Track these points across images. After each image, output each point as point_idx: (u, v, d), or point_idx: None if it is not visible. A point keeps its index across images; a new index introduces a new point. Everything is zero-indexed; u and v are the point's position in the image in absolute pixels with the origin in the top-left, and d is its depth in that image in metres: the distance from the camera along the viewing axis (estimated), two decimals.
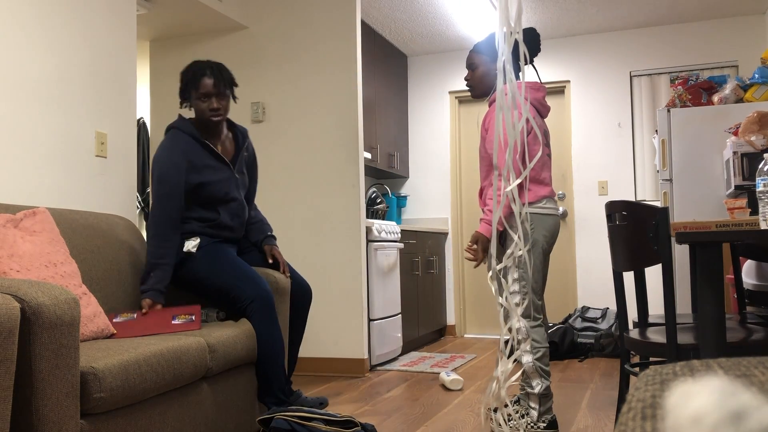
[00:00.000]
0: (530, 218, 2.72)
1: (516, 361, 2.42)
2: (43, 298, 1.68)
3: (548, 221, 2.75)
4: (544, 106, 2.86)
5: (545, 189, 2.76)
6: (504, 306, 2.10)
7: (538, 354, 2.67)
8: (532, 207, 2.73)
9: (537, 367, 2.67)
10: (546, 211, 2.74)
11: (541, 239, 2.72)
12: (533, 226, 2.72)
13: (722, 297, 1.89)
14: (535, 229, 2.72)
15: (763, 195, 1.92)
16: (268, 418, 2.46)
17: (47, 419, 1.67)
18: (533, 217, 2.72)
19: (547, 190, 2.77)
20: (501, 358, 2.03)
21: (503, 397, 1.93)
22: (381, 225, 4.60)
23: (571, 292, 5.85)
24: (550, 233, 2.75)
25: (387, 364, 4.59)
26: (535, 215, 2.73)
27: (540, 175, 2.76)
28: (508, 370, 1.96)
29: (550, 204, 2.76)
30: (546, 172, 2.80)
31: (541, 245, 2.72)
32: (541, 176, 2.76)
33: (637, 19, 5.51)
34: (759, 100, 4.28)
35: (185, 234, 2.87)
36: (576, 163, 5.86)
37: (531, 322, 2.69)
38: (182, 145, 2.84)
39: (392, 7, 5.11)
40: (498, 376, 1.93)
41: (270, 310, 2.73)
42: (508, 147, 2.41)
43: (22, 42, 2.79)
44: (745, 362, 0.77)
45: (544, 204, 2.74)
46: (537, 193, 2.74)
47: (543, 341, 2.69)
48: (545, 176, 2.79)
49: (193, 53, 4.71)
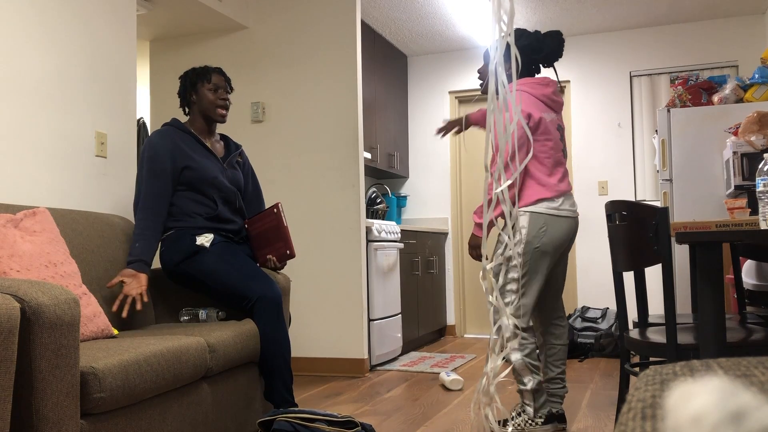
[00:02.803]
0: (524, 219, 2.65)
1: (505, 359, 2.44)
2: (43, 298, 1.68)
3: (542, 222, 2.64)
4: (555, 101, 2.77)
5: (547, 190, 2.66)
6: (494, 304, 2.13)
7: (526, 351, 2.67)
8: (529, 208, 2.65)
9: (527, 364, 2.66)
10: (547, 211, 2.64)
11: (535, 241, 2.63)
12: (525, 227, 2.64)
13: (722, 297, 1.89)
14: (529, 231, 2.64)
15: (763, 195, 1.92)
16: (269, 420, 2.46)
17: (47, 419, 1.67)
18: (529, 218, 2.64)
19: (552, 191, 2.66)
20: (491, 355, 2.05)
21: (492, 393, 1.95)
22: (381, 225, 4.60)
23: (571, 292, 5.85)
24: (551, 236, 2.64)
25: (387, 364, 4.59)
26: (531, 216, 2.65)
27: (541, 175, 2.67)
28: (498, 367, 2.00)
29: (553, 204, 2.66)
30: (554, 172, 2.70)
31: (536, 246, 2.63)
32: (541, 177, 2.67)
33: (637, 19, 5.51)
34: (759, 100, 4.28)
35: (193, 229, 2.88)
36: (576, 163, 5.86)
37: (520, 321, 2.67)
38: (173, 134, 2.96)
39: (392, 7, 5.11)
40: (488, 372, 1.95)
41: (277, 309, 2.73)
42: (498, 149, 2.41)
43: (22, 42, 2.79)
44: (745, 362, 0.77)
45: (547, 205, 2.65)
46: (535, 194, 2.65)
47: (530, 338, 2.68)
48: (550, 176, 2.68)
49: (193, 53, 4.71)
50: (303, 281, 4.38)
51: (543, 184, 2.67)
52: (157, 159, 2.86)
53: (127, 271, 2.70)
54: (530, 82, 2.75)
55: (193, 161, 2.92)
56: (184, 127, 3.00)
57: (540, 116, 2.68)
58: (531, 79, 2.76)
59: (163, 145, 2.89)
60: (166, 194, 2.87)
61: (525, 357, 2.66)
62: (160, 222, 2.85)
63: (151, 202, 2.83)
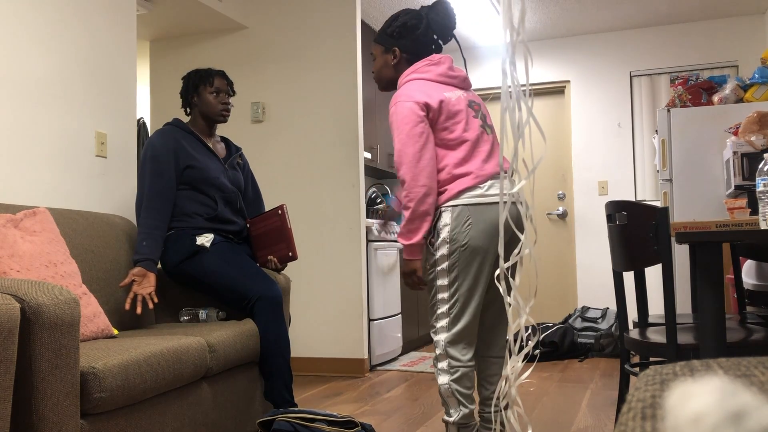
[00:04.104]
0: (447, 216, 2.23)
1: (526, 360, 2.13)
2: (43, 298, 1.68)
3: (466, 214, 2.21)
4: (454, 77, 2.37)
5: (467, 178, 2.24)
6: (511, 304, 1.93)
7: (456, 374, 2.21)
8: (450, 202, 2.24)
9: (453, 391, 2.21)
10: (469, 201, 2.22)
11: (461, 237, 2.20)
12: (448, 223, 2.23)
13: (722, 297, 1.89)
14: (452, 227, 2.22)
15: (763, 195, 1.92)
16: (269, 420, 2.46)
17: (47, 419, 1.67)
18: (450, 213, 2.23)
19: (473, 178, 2.24)
20: (509, 357, 1.91)
21: (514, 395, 1.87)
22: (381, 225, 4.60)
23: (571, 292, 5.85)
24: (479, 228, 2.20)
25: (387, 364, 4.59)
26: (453, 210, 2.23)
27: (457, 163, 2.26)
28: (518, 368, 1.86)
29: (477, 192, 2.23)
30: (474, 155, 2.28)
31: (462, 244, 2.20)
32: (458, 166, 2.26)
33: (637, 19, 5.51)
34: (759, 100, 4.28)
35: (193, 229, 2.88)
36: (576, 163, 5.85)
37: (451, 337, 2.21)
38: (175, 133, 2.96)
39: (392, 7, 5.11)
40: (508, 374, 1.86)
41: (278, 309, 2.73)
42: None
43: (22, 42, 2.79)
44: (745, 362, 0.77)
45: (470, 194, 2.22)
46: (455, 186, 2.24)
47: (464, 360, 2.21)
48: (469, 161, 2.27)
49: (193, 53, 4.71)
50: (303, 281, 4.38)
51: (461, 173, 2.25)
52: (160, 158, 2.87)
53: (138, 270, 2.72)
54: (419, 67, 2.36)
55: (196, 161, 2.92)
56: (186, 126, 3.01)
57: (440, 99, 2.27)
58: (419, 63, 2.37)
59: (166, 144, 2.89)
60: (170, 193, 2.87)
61: (453, 382, 2.21)
62: (165, 221, 2.85)
63: (156, 201, 2.83)
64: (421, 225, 2.24)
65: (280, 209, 2.97)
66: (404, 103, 2.27)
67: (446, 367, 2.22)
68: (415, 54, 2.41)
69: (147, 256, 2.75)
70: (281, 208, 2.96)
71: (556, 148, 5.98)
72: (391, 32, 2.42)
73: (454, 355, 2.21)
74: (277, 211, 2.98)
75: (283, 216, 2.96)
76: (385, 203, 5.62)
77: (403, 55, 2.41)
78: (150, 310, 2.92)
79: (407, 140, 2.24)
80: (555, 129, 5.99)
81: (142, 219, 2.82)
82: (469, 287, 2.21)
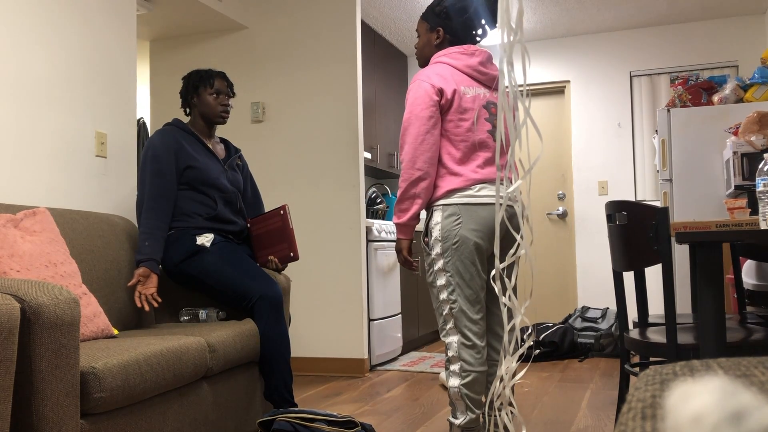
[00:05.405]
0: (438, 215, 2.26)
1: (521, 359, 2.12)
2: (43, 298, 1.68)
3: (456, 213, 2.23)
4: (484, 74, 2.34)
5: (458, 180, 2.25)
6: (506, 305, 1.93)
7: (467, 379, 2.20)
8: (441, 201, 2.27)
9: (463, 395, 2.21)
10: (459, 200, 2.24)
11: (451, 236, 2.22)
12: (439, 222, 2.26)
13: (722, 297, 1.89)
14: (443, 225, 2.25)
15: (763, 195, 1.92)
16: (269, 420, 2.46)
17: (47, 419, 1.67)
18: (441, 212, 2.26)
19: (464, 181, 2.24)
20: (504, 357, 1.92)
21: (509, 396, 1.87)
22: (381, 225, 4.60)
23: (571, 292, 5.85)
24: (468, 226, 2.22)
25: (387, 364, 4.59)
26: (443, 209, 2.26)
27: (452, 163, 2.27)
28: (512, 369, 1.86)
29: (467, 192, 2.24)
30: (470, 158, 2.27)
31: (453, 242, 2.22)
32: (453, 165, 2.26)
33: (637, 19, 5.51)
34: (759, 100, 4.28)
35: (194, 229, 2.89)
36: (576, 163, 5.85)
37: (461, 339, 2.22)
38: (176, 134, 2.97)
39: (392, 7, 5.11)
40: (503, 374, 1.87)
41: (278, 309, 2.73)
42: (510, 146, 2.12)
43: (22, 42, 2.79)
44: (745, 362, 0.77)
45: (460, 194, 2.24)
46: (447, 185, 2.26)
47: (476, 364, 2.21)
48: (464, 164, 2.27)
49: (193, 53, 4.71)
50: (303, 281, 4.38)
51: (454, 173, 2.26)
52: (161, 158, 2.87)
53: (143, 270, 2.75)
54: (452, 52, 2.33)
55: (196, 161, 2.92)
56: (186, 127, 3.02)
57: (454, 90, 2.25)
58: (453, 48, 2.34)
59: (166, 144, 2.90)
60: (171, 193, 2.88)
61: (463, 386, 2.21)
62: (166, 221, 2.86)
63: (157, 201, 2.84)
64: (411, 206, 2.28)
65: (283, 209, 2.97)
66: (422, 83, 2.27)
67: (458, 370, 2.22)
68: (458, 37, 2.37)
69: (150, 256, 2.76)
70: (283, 208, 2.97)
71: (556, 148, 5.98)
72: (439, 12, 2.39)
73: (466, 359, 2.21)
74: (279, 212, 2.98)
75: (286, 216, 2.96)
76: (385, 203, 5.62)
77: (447, 36, 2.39)
78: (150, 310, 2.93)
79: (414, 120, 2.25)
80: (555, 129, 5.99)
81: (143, 219, 2.83)
82: (467, 283, 2.23)
